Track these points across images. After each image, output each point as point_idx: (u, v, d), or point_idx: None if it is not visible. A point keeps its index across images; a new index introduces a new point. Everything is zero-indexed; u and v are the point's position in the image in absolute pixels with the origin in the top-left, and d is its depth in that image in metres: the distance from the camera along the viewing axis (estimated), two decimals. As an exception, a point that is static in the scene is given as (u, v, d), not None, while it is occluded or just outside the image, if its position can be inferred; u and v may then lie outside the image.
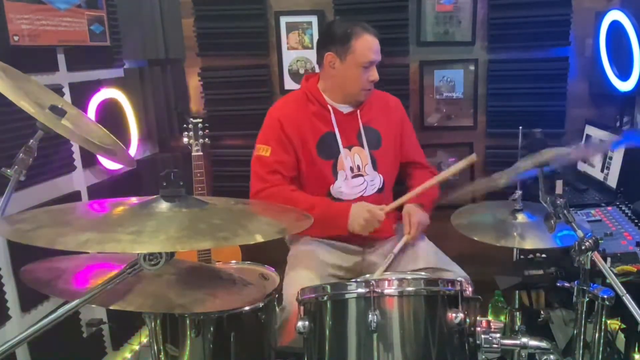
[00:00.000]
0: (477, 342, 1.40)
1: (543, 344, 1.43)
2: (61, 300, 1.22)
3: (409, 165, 2.24)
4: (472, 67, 2.65)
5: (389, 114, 2.18)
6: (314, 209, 1.90)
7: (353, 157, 2.07)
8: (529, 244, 1.67)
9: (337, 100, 2.07)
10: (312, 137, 2.05)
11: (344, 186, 2.05)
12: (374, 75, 2.00)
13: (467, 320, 1.38)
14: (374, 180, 2.09)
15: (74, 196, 2.22)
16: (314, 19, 2.69)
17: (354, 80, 2.00)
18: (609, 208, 2.02)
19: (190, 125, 2.53)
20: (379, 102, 2.17)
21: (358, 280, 1.71)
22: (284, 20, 2.71)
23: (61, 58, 2.18)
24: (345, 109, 2.08)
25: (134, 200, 1.24)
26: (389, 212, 1.99)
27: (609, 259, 1.64)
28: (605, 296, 1.30)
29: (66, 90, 2.19)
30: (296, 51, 2.75)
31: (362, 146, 2.08)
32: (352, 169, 2.06)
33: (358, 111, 2.09)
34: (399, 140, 2.19)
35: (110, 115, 2.43)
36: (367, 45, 1.97)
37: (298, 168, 2.07)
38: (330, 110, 2.05)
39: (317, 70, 2.80)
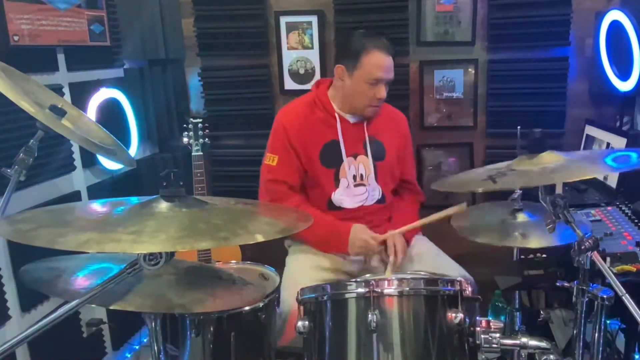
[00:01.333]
0: (477, 342, 1.40)
1: (543, 344, 1.43)
2: (61, 300, 1.22)
3: (400, 184, 2.24)
4: (472, 67, 2.65)
5: (395, 129, 2.17)
6: (318, 227, 1.91)
7: (357, 166, 2.06)
8: (529, 244, 1.66)
9: (345, 111, 2.06)
10: (316, 144, 2.04)
11: (345, 195, 2.05)
12: (381, 93, 1.96)
13: (467, 320, 1.38)
14: (374, 191, 2.08)
15: (74, 196, 2.22)
16: (314, 19, 2.69)
17: (359, 95, 1.98)
18: (609, 208, 2.02)
19: (190, 125, 2.53)
20: (387, 116, 2.16)
21: (358, 280, 1.71)
22: (284, 20, 2.71)
23: (61, 58, 2.18)
24: (352, 118, 2.07)
25: (134, 200, 1.24)
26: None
27: (608, 259, 1.64)
28: (605, 296, 1.29)
29: (66, 90, 2.19)
30: (296, 51, 2.75)
31: (367, 155, 2.07)
32: (355, 177, 2.06)
33: (365, 122, 2.08)
34: (401, 157, 2.18)
35: (110, 115, 2.42)
36: (375, 62, 1.93)
37: (304, 175, 2.07)
38: (337, 118, 2.04)
39: (317, 70, 2.81)
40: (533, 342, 1.42)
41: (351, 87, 1.99)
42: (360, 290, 1.37)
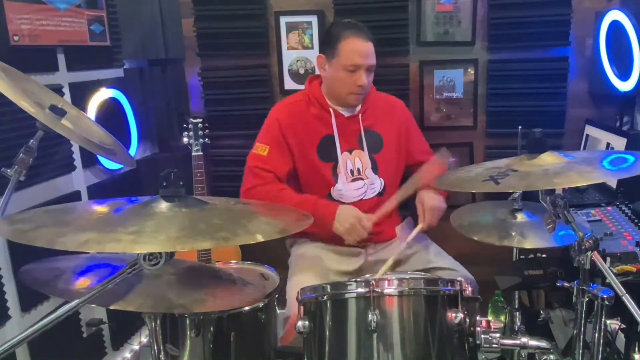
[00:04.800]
0: (477, 342, 1.40)
1: (543, 344, 1.43)
2: (61, 300, 1.22)
3: (417, 164, 2.20)
4: (472, 67, 2.65)
5: (392, 117, 2.16)
6: (302, 206, 1.89)
7: (353, 161, 2.06)
8: (529, 244, 1.67)
9: (335, 103, 2.06)
10: (312, 140, 2.05)
11: (344, 189, 2.05)
12: (361, 80, 1.95)
13: (467, 320, 1.38)
14: (374, 184, 2.07)
15: (74, 196, 2.22)
16: (314, 19, 2.69)
17: (340, 83, 1.99)
18: (609, 208, 2.02)
19: (190, 125, 2.53)
20: (382, 105, 2.15)
21: (358, 279, 1.71)
22: (284, 20, 2.71)
23: (61, 58, 2.18)
24: (346, 112, 2.07)
25: (133, 200, 1.24)
26: (380, 219, 1.96)
27: (608, 259, 1.64)
28: (605, 296, 1.29)
29: (66, 90, 2.19)
30: (296, 51, 2.75)
31: (362, 149, 2.07)
32: (351, 172, 2.06)
33: (360, 114, 2.07)
34: (403, 143, 2.17)
35: (110, 115, 2.43)
36: (352, 48, 1.94)
37: (296, 171, 2.07)
38: (332, 113, 2.05)
39: (317, 70, 2.81)
40: (533, 342, 1.42)
41: (331, 76, 2.01)
42: (360, 290, 1.37)
